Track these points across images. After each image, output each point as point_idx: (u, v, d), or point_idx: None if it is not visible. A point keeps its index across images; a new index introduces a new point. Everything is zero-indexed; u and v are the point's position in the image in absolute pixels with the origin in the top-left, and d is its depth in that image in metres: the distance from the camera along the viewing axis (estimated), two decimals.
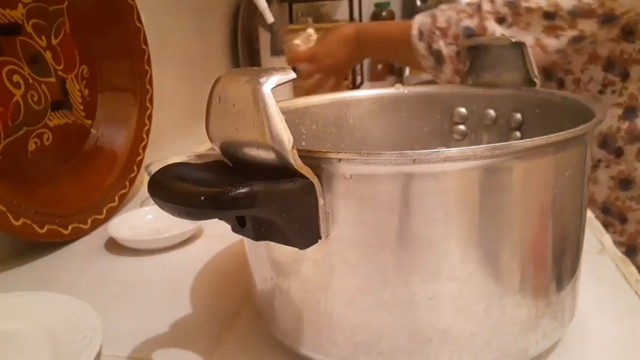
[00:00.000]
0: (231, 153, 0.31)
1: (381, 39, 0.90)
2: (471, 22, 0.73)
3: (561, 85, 0.80)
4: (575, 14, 0.67)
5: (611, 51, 0.73)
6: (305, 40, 0.99)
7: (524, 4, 0.69)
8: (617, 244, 0.58)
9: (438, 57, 0.78)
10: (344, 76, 1.02)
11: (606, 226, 0.78)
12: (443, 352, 0.32)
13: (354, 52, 0.92)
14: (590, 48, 0.74)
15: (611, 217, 0.77)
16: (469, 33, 0.73)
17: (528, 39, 0.69)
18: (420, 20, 0.81)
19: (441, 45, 0.77)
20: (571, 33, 0.68)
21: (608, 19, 0.66)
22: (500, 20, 0.71)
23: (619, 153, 0.75)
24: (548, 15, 0.68)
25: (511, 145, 0.29)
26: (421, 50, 0.79)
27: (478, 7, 0.74)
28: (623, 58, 0.73)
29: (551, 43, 0.70)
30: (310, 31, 1.00)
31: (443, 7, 0.79)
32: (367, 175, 0.29)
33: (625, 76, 0.73)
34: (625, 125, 0.74)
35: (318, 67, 0.94)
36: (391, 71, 1.84)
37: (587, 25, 0.67)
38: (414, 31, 0.80)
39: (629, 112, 0.73)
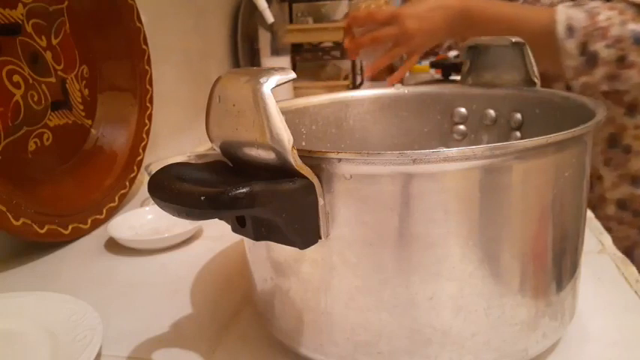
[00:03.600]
0: (231, 153, 0.31)
1: (501, 22, 0.74)
2: (638, 27, 0.65)
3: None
4: None
5: None
6: (375, 4, 0.84)
7: None
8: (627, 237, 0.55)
9: (590, 59, 0.68)
10: (420, 52, 0.82)
11: (620, 221, 0.79)
12: (443, 352, 0.32)
13: (454, 26, 0.75)
14: None
15: (627, 212, 0.78)
16: (637, 37, 0.65)
17: None
18: (569, 14, 0.69)
19: (600, 47, 0.67)
20: None
21: None
22: None
23: (627, 150, 0.76)
24: None
25: (511, 145, 0.29)
26: (569, 48, 0.68)
27: (639, 12, 0.65)
28: None
29: None
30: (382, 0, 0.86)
31: (594, 3, 0.69)
32: (367, 175, 0.29)
33: None
34: (631, 122, 0.74)
35: (396, 30, 0.75)
36: (391, 71, 1.83)
37: None
38: (560, 26, 0.68)
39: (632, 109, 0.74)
